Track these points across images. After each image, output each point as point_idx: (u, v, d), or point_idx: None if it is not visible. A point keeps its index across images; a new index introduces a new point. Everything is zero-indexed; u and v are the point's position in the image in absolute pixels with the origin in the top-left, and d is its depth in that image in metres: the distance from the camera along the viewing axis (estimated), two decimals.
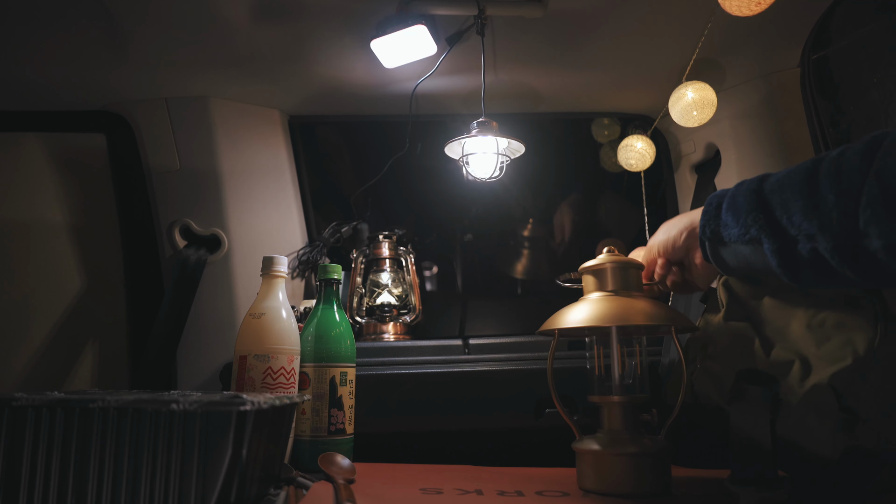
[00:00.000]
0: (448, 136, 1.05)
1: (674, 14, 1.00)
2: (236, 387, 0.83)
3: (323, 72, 1.16)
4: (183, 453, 0.52)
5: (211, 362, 1.19)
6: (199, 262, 1.19)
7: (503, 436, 1.05)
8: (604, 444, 0.73)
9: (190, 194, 1.23)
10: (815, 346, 0.71)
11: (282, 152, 1.32)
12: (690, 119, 1.01)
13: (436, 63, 1.11)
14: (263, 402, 0.55)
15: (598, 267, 0.79)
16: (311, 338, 0.89)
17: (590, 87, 1.26)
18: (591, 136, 1.56)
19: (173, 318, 1.17)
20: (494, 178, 1.06)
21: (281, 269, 0.88)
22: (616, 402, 0.75)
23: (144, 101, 1.21)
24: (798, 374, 0.71)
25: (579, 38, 1.07)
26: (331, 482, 0.72)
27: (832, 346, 0.70)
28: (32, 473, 0.52)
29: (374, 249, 1.32)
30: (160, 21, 0.99)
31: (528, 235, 1.68)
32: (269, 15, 0.99)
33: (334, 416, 0.86)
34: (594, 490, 0.72)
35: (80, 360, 1.25)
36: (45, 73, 1.13)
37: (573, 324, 0.74)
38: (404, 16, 0.98)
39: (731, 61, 1.13)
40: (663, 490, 0.71)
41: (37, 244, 1.25)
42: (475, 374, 1.03)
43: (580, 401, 1.03)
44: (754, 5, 0.84)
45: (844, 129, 1.07)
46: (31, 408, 0.53)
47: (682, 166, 1.33)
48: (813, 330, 0.72)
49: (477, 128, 1.03)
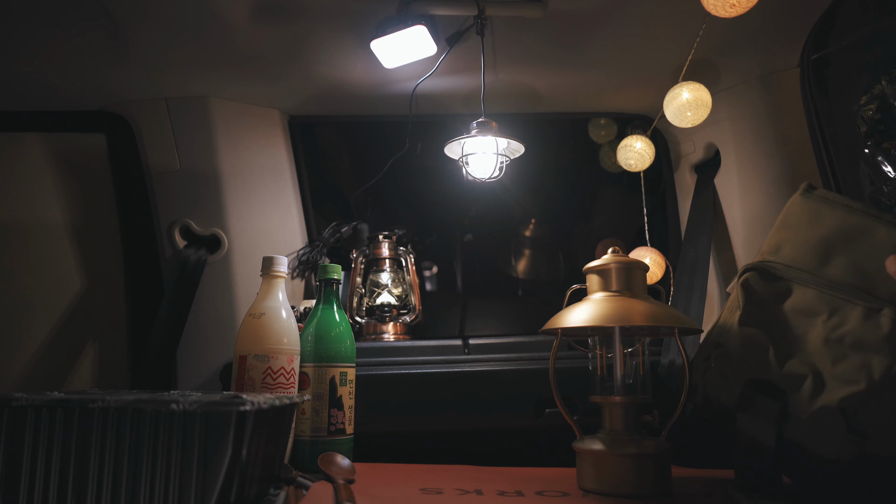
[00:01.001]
0: (448, 136, 1.05)
1: (674, 14, 1.00)
2: (236, 387, 0.83)
3: (323, 72, 1.16)
4: (183, 453, 0.52)
5: (211, 362, 1.19)
6: (199, 262, 1.19)
7: (503, 436, 1.05)
8: (605, 445, 0.73)
9: (190, 194, 1.23)
10: (830, 362, 0.70)
11: (282, 152, 1.32)
12: (684, 119, 1.01)
13: (436, 63, 1.11)
14: (263, 402, 0.55)
15: (602, 267, 0.79)
16: (311, 338, 0.89)
17: (589, 87, 1.26)
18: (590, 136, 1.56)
19: (173, 318, 1.17)
20: (494, 178, 1.06)
21: (281, 269, 0.88)
22: (618, 402, 0.75)
23: (144, 101, 1.21)
24: (809, 391, 0.70)
25: (579, 38, 1.07)
26: (331, 482, 0.72)
27: (847, 366, 0.69)
28: (32, 473, 0.52)
29: (374, 249, 1.32)
30: (160, 21, 0.99)
31: (528, 235, 1.69)
32: (269, 15, 0.99)
33: (334, 416, 0.86)
34: (595, 490, 0.72)
35: (80, 360, 1.25)
36: (45, 73, 1.13)
37: (576, 323, 0.74)
38: (404, 16, 0.98)
39: (730, 61, 1.13)
40: (664, 491, 0.72)
41: (37, 244, 1.25)
42: (475, 374, 1.03)
43: (581, 401, 1.03)
44: (729, 7, 0.84)
45: (844, 129, 1.07)
46: (31, 408, 0.53)
47: (682, 166, 1.33)
48: (830, 345, 0.71)
49: (476, 128, 1.03)
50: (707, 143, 1.24)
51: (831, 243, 0.75)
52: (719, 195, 1.21)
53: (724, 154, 1.20)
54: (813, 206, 0.79)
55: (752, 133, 1.14)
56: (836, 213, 0.76)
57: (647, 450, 0.71)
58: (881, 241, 0.73)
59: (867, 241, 0.74)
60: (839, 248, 0.75)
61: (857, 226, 0.75)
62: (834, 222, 0.76)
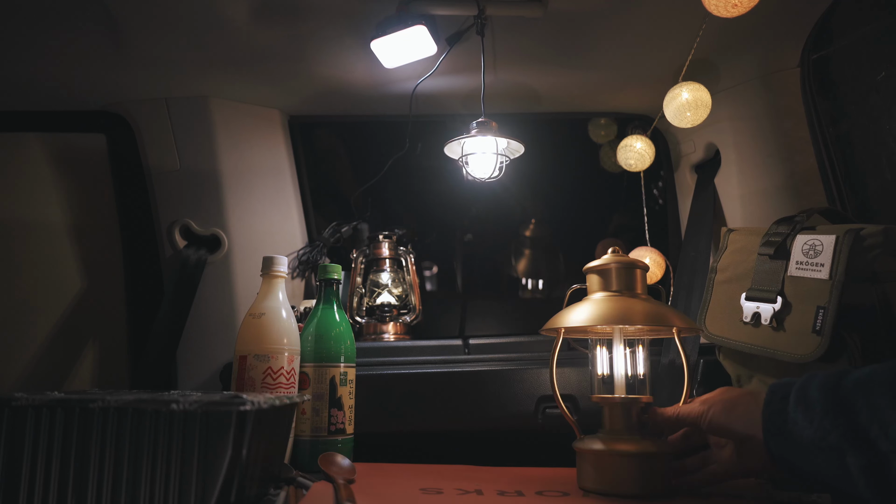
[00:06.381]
0: (448, 136, 1.05)
1: (674, 14, 1.00)
2: (236, 387, 0.84)
3: (323, 72, 1.16)
4: (183, 453, 0.52)
5: (211, 362, 1.19)
6: (199, 262, 1.19)
7: (503, 436, 1.05)
8: (605, 444, 0.73)
9: (190, 194, 1.23)
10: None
11: (282, 152, 1.32)
12: (684, 119, 1.01)
13: (436, 63, 1.11)
14: (263, 402, 0.55)
15: (602, 267, 0.79)
16: (311, 338, 0.89)
17: (589, 87, 1.26)
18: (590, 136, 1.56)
19: (173, 317, 1.17)
20: (494, 178, 1.06)
21: (281, 269, 0.88)
22: (618, 402, 0.75)
23: (144, 101, 1.21)
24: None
25: (579, 38, 1.07)
26: (331, 482, 0.72)
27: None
28: (32, 473, 0.52)
29: (374, 249, 1.32)
30: (161, 21, 0.99)
31: (528, 235, 1.69)
32: (269, 15, 0.99)
33: (334, 416, 0.86)
34: (594, 490, 0.72)
35: (80, 360, 1.25)
36: (45, 74, 1.13)
37: (576, 323, 0.74)
38: (404, 16, 0.98)
39: (731, 61, 1.13)
40: (664, 491, 0.71)
41: (37, 244, 1.25)
42: (475, 374, 1.03)
43: (582, 401, 1.03)
44: (731, 7, 0.84)
45: (845, 129, 1.07)
46: (31, 408, 0.53)
47: (682, 166, 1.33)
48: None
49: (476, 128, 1.03)
50: (707, 143, 1.24)
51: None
52: (719, 195, 1.21)
53: (724, 154, 1.19)
54: None
55: (752, 133, 1.14)
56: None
57: (647, 449, 0.71)
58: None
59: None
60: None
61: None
62: None
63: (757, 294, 0.83)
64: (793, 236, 0.82)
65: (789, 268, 0.80)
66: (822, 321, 0.74)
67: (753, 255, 0.86)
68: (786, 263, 0.81)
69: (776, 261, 0.82)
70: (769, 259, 0.83)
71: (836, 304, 0.74)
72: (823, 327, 0.74)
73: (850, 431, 0.49)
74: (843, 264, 0.75)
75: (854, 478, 0.49)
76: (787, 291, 0.80)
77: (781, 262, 0.82)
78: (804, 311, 0.77)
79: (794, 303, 0.79)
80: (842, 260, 0.75)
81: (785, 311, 0.79)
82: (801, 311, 0.77)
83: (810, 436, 0.52)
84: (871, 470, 0.48)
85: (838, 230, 0.78)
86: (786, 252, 0.82)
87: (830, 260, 0.76)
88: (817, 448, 0.52)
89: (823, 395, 0.52)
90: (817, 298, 0.76)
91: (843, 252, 0.75)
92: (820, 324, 0.74)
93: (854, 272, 0.75)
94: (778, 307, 0.79)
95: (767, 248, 0.84)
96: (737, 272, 0.89)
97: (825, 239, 0.78)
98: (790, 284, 0.80)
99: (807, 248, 0.79)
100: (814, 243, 0.79)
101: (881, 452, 0.47)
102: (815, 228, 0.82)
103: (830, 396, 0.51)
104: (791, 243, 0.82)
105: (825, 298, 0.75)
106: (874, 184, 1.03)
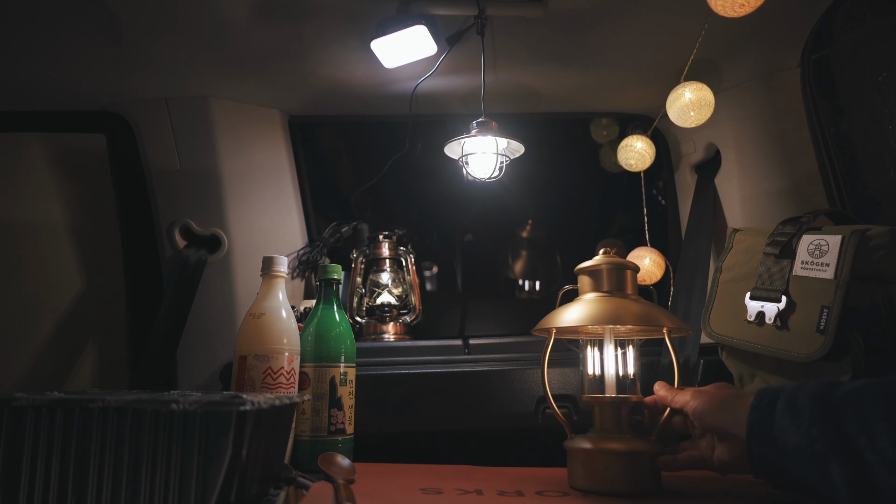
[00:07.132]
0: (448, 136, 1.05)
1: (674, 14, 1.00)
2: (236, 387, 0.84)
3: (323, 72, 1.16)
4: (183, 453, 0.52)
5: (211, 362, 1.19)
6: (199, 262, 1.19)
7: (503, 436, 1.05)
8: (594, 443, 0.73)
9: (190, 194, 1.23)
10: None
11: (282, 152, 1.32)
12: (688, 119, 1.01)
13: (436, 63, 1.11)
14: (263, 402, 0.55)
15: (593, 268, 0.79)
16: (311, 338, 0.89)
17: (590, 87, 1.26)
18: (590, 136, 1.56)
19: (173, 318, 1.17)
20: (494, 178, 1.06)
21: (281, 269, 0.88)
22: (608, 401, 0.76)
23: (144, 101, 1.21)
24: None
25: (579, 37, 1.07)
26: (331, 482, 0.72)
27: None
28: (32, 473, 0.52)
29: (374, 249, 1.32)
30: (161, 21, 0.99)
31: (528, 236, 1.68)
32: (269, 15, 0.99)
33: (334, 416, 0.86)
34: (584, 488, 0.72)
35: (80, 360, 1.25)
36: (45, 74, 1.13)
37: (567, 323, 0.75)
38: (404, 16, 0.98)
39: (731, 61, 1.13)
40: (654, 490, 0.72)
41: (37, 244, 1.25)
42: (475, 374, 1.03)
43: (581, 401, 1.03)
44: (738, 6, 0.84)
45: (845, 129, 1.07)
46: (31, 408, 0.53)
47: (682, 166, 1.33)
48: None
49: (476, 128, 1.03)
50: (707, 143, 1.24)
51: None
52: (719, 195, 1.21)
53: (725, 154, 1.20)
54: None
55: (752, 133, 1.14)
56: None
57: (637, 448, 0.71)
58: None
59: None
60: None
61: None
62: None
63: (761, 293, 0.83)
64: (799, 236, 0.82)
65: (794, 267, 0.80)
66: (826, 321, 0.74)
67: (759, 255, 0.86)
68: (791, 263, 0.81)
69: (781, 260, 0.82)
70: (774, 259, 0.83)
71: (840, 303, 0.74)
72: (827, 327, 0.74)
73: (838, 440, 0.49)
74: (849, 264, 0.75)
75: (836, 487, 0.49)
76: (791, 291, 0.80)
77: (787, 261, 0.82)
78: (808, 311, 0.77)
79: (798, 302, 0.79)
80: (847, 260, 0.75)
81: (789, 310, 0.79)
82: (806, 310, 0.77)
83: (796, 442, 0.52)
84: (854, 480, 0.48)
85: (844, 231, 0.78)
86: (791, 252, 0.82)
87: (836, 260, 0.76)
88: (802, 455, 0.52)
89: (813, 403, 0.52)
90: (822, 298, 0.76)
91: (848, 252, 0.75)
92: (824, 323, 0.74)
93: (859, 273, 0.75)
94: (782, 306, 0.79)
95: (773, 247, 0.84)
96: (742, 272, 0.89)
97: (831, 239, 0.78)
98: (795, 284, 0.80)
99: (812, 248, 0.79)
100: (819, 243, 0.79)
101: (867, 463, 0.47)
102: (821, 229, 0.82)
103: (820, 405, 0.51)
104: (797, 243, 0.82)
105: (830, 298, 0.75)
106: (875, 184, 1.03)
